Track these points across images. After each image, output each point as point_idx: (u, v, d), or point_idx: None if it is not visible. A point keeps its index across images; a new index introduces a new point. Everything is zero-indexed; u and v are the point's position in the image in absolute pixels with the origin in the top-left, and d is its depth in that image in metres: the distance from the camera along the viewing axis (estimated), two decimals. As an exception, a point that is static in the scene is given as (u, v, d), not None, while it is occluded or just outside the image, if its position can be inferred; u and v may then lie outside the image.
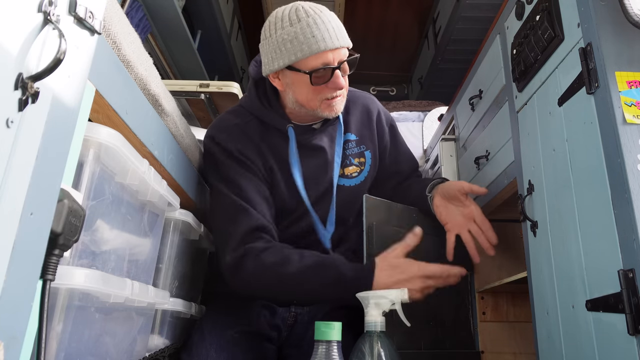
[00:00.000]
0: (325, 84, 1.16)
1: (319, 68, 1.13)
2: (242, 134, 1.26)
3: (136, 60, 0.86)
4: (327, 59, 1.13)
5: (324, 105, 1.20)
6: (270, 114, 1.27)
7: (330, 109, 1.21)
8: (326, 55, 1.13)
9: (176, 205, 1.13)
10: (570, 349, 0.90)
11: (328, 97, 1.18)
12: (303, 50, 1.12)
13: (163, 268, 1.14)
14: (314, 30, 1.12)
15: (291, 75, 1.17)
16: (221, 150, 1.24)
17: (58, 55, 0.54)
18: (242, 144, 1.24)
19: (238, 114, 1.31)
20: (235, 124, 1.28)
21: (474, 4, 2.87)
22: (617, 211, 0.76)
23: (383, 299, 0.89)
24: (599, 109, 0.83)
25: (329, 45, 1.12)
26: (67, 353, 0.70)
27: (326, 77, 1.15)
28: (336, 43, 1.13)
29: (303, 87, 1.18)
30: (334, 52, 1.14)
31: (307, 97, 1.19)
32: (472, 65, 1.56)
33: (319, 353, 0.77)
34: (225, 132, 1.26)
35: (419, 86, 4.05)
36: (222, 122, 1.30)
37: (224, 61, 3.61)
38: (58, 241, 0.61)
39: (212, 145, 1.26)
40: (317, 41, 1.11)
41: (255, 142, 1.26)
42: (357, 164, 1.36)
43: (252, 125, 1.28)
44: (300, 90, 1.19)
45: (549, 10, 1.00)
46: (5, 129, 0.48)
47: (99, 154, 0.77)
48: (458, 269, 1.11)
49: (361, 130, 1.39)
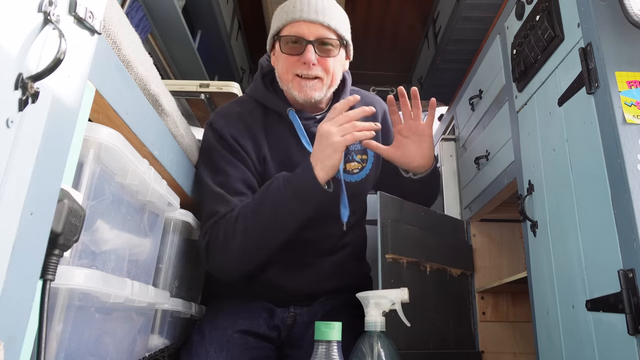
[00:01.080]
0: (296, 57, 1.16)
1: (290, 35, 1.15)
2: (240, 122, 1.25)
3: (136, 60, 0.86)
4: (301, 29, 1.15)
5: (295, 82, 1.19)
6: (272, 97, 1.27)
7: (300, 89, 1.19)
8: (300, 25, 1.14)
9: (176, 205, 1.13)
10: (570, 349, 0.90)
11: (298, 73, 1.17)
12: (282, 19, 1.16)
13: (163, 268, 1.14)
14: (297, 2, 1.16)
15: (275, 47, 1.21)
16: (216, 136, 1.23)
17: (58, 55, 0.54)
18: (238, 131, 1.23)
19: (242, 102, 1.32)
20: (236, 112, 1.27)
21: (474, 4, 2.87)
22: (617, 211, 0.76)
23: (383, 299, 0.89)
24: (599, 109, 0.83)
25: (304, 15, 1.13)
26: (67, 353, 0.70)
27: (298, 49, 1.16)
28: (313, 16, 1.14)
29: (280, 58, 1.20)
30: (311, 25, 1.14)
31: (282, 69, 1.20)
32: (472, 65, 1.56)
33: (319, 353, 0.77)
34: (224, 118, 1.26)
35: (419, 86, 4.05)
36: (224, 109, 1.30)
37: (224, 61, 3.61)
38: (58, 241, 0.61)
39: (209, 130, 1.26)
40: (295, 10, 1.15)
41: (253, 131, 1.25)
42: (358, 160, 1.34)
43: (254, 112, 1.28)
44: (279, 63, 1.21)
45: (549, 10, 1.00)
46: (5, 129, 0.48)
47: (99, 154, 0.77)
48: (362, 108, 1.13)
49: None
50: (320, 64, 1.18)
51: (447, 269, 1.36)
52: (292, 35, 1.16)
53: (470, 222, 1.54)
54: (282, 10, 1.20)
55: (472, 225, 1.53)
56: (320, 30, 1.16)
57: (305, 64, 1.16)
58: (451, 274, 1.37)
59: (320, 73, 1.19)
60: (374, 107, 1.37)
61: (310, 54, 1.15)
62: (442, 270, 1.33)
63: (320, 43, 1.17)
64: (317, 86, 1.20)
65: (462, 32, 3.12)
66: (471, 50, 1.95)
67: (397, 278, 1.17)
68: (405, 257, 1.20)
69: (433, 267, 1.29)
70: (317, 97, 1.21)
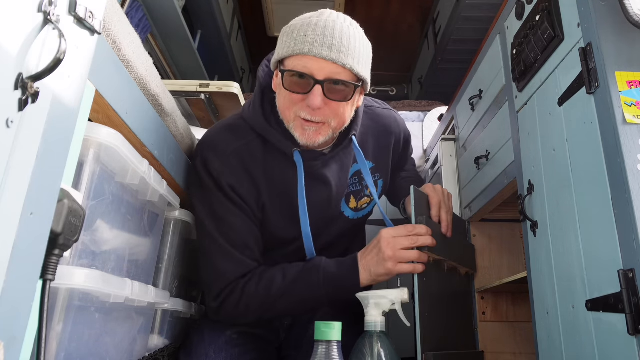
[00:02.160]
0: (300, 96, 1.00)
1: (295, 70, 0.98)
2: (238, 164, 1.11)
3: (136, 60, 0.86)
4: (309, 65, 0.97)
5: (297, 123, 1.04)
6: (274, 133, 1.10)
7: (302, 133, 1.04)
8: (309, 61, 0.97)
9: (176, 205, 1.13)
10: (570, 349, 0.90)
11: (301, 115, 1.02)
12: (289, 47, 0.98)
13: (163, 268, 1.14)
14: (309, 30, 0.97)
15: (279, 74, 1.04)
16: (213, 182, 1.10)
17: (58, 55, 0.54)
18: (236, 178, 1.10)
19: (239, 132, 1.14)
20: (233, 150, 1.11)
21: (474, 4, 2.87)
22: (617, 211, 0.76)
23: (383, 299, 0.89)
24: (599, 109, 0.83)
25: (315, 50, 0.95)
26: (67, 353, 0.70)
27: (304, 87, 0.99)
28: (326, 53, 0.95)
29: (282, 90, 1.03)
30: (321, 63, 0.96)
31: (284, 104, 1.05)
32: (472, 65, 1.56)
33: (319, 353, 0.77)
34: (220, 159, 1.10)
35: (419, 86, 4.05)
36: (219, 144, 1.12)
37: (224, 61, 3.62)
38: (58, 241, 0.61)
39: (204, 173, 1.10)
40: (305, 42, 0.96)
41: (252, 174, 1.12)
42: (369, 194, 1.26)
43: (253, 146, 1.12)
44: (280, 94, 1.06)
45: (549, 10, 1.00)
46: (5, 129, 0.48)
47: (99, 154, 0.77)
48: (424, 227, 1.08)
49: (378, 155, 1.27)
50: (327, 107, 1.01)
51: (458, 268, 1.35)
52: (297, 71, 0.98)
53: (470, 222, 1.54)
54: (290, 33, 1.00)
55: (472, 225, 1.53)
56: (333, 70, 0.97)
57: (309, 107, 0.99)
58: (460, 273, 1.37)
59: (326, 118, 1.03)
60: (389, 127, 1.30)
61: (317, 98, 0.97)
62: (454, 269, 1.33)
63: (332, 83, 0.99)
64: (323, 130, 1.05)
65: (462, 32, 3.12)
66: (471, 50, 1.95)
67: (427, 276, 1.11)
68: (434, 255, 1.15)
69: (450, 265, 1.28)
70: (322, 141, 1.06)
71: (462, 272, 1.38)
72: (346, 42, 0.98)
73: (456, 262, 1.30)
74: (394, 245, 1.05)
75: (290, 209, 1.14)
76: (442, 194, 1.21)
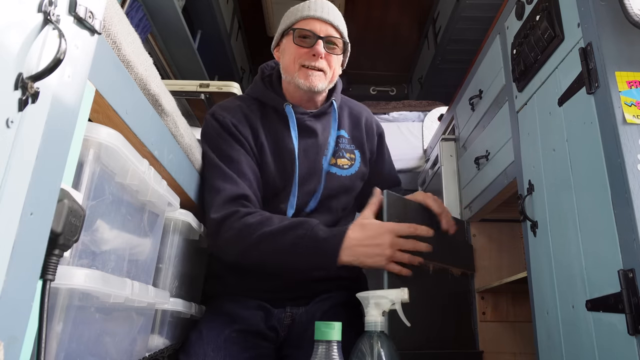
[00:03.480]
0: (306, 49, 1.29)
1: (303, 28, 1.29)
2: (240, 112, 1.35)
3: (136, 60, 0.86)
4: (314, 26, 1.29)
5: (302, 72, 1.30)
6: (270, 93, 1.38)
7: (306, 78, 1.30)
8: (314, 22, 1.30)
9: (176, 205, 1.13)
10: (570, 349, 0.90)
11: (306, 64, 1.29)
12: (296, 15, 1.32)
13: (163, 268, 1.14)
14: (311, 4, 1.33)
15: (284, 40, 1.35)
16: (218, 125, 1.32)
17: (58, 55, 0.54)
18: (238, 120, 1.33)
19: (242, 98, 1.42)
20: (237, 105, 1.38)
21: (474, 4, 2.87)
22: (617, 211, 0.76)
23: (383, 299, 0.89)
24: (599, 109, 0.83)
25: (317, 14, 1.29)
26: (67, 353, 0.70)
27: (309, 42, 1.29)
28: (325, 16, 1.30)
29: (288, 49, 1.32)
30: (323, 24, 1.30)
31: (290, 58, 1.31)
32: (472, 65, 1.56)
33: (319, 353, 0.77)
34: (225, 110, 1.36)
35: (419, 86, 4.05)
36: (225, 102, 1.41)
37: (224, 61, 3.62)
38: (58, 241, 0.61)
39: (211, 120, 1.35)
40: (310, 9, 1.31)
41: (251, 121, 1.34)
42: (348, 158, 1.42)
43: (252, 107, 1.38)
44: (286, 53, 1.33)
45: (549, 10, 1.00)
46: (5, 129, 0.48)
47: (99, 154, 0.77)
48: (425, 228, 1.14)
49: (352, 132, 1.46)
50: (325, 58, 1.31)
51: (449, 269, 1.35)
52: (305, 29, 1.29)
53: (470, 222, 1.54)
54: (295, 9, 1.34)
55: (472, 225, 1.53)
56: (330, 30, 1.31)
57: (314, 55, 1.29)
58: (452, 274, 1.37)
59: (324, 67, 1.31)
60: (360, 112, 1.52)
61: (321, 48, 1.29)
62: (444, 270, 1.33)
63: (328, 41, 1.30)
64: (321, 77, 1.32)
65: (462, 32, 3.13)
66: (471, 50, 1.95)
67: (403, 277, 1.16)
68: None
69: (436, 266, 1.29)
70: (320, 87, 1.32)
71: (457, 273, 1.38)
72: (336, 12, 1.35)
73: (445, 263, 1.30)
74: (396, 245, 1.10)
75: (281, 159, 1.33)
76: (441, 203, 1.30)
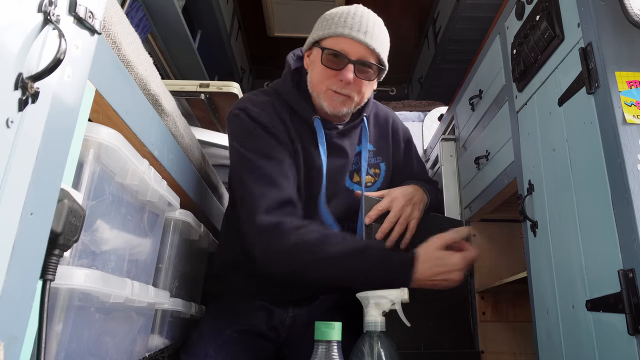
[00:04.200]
0: (334, 72, 1.16)
1: (334, 49, 1.15)
2: (274, 111, 1.24)
3: (136, 60, 0.86)
4: (346, 46, 1.14)
5: (327, 94, 1.19)
6: (300, 101, 1.26)
7: (331, 102, 1.20)
8: (346, 42, 1.14)
9: (176, 205, 1.13)
10: (570, 349, 0.90)
11: (334, 88, 1.18)
12: (330, 28, 1.16)
13: (163, 268, 1.14)
14: (349, 17, 1.16)
15: (315, 52, 1.22)
16: (254, 123, 1.20)
17: (58, 55, 0.54)
18: (274, 120, 1.22)
19: (270, 95, 1.29)
20: (268, 100, 1.26)
21: (474, 4, 2.87)
22: (617, 211, 0.76)
23: (383, 299, 0.89)
24: (599, 109, 0.83)
25: (353, 34, 1.14)
26: (67, 353, 0.70)
27: (338, 64, 1.16)
28: (361, 37, 1.14)
29: (317, 66, 1.20)
30: (356, 45, 1.14)
31: (317, 78, 1.20)
32: (472, 65, 1.56)
33: (319, 353, 0.77)
34: (258, 106, 1.23)
35: (419, 86, 4.05)
36: (254, 97, 1.28)
37: (224, 61, 3.61)
38: (58, 241, 0.61)
39: (245, 117, 1.21)
40: (345, 26, 1.15)
41: (286, 124, 1.24)
42: (372, 174, 1.35)
43: (283, 109, 1.26)
44: (314, 69, 1.21)
45: (549, 10, 1.00)
46: (5, 129, 0.48)
47: (99, 154, 0.77)
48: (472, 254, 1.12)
49: (379, 141, 1.39)
50: (355, 84, 1.18)
51: None
52: (335, 50, 1.15)
53: (470, 222, 1.54)
54: (330, 19, 1.19)
55: (472, 225, 1.53)
56: (364, 52, 1.16)
57: (341, 81, 1.16)
58: None
59: (353, 93, 1.20)
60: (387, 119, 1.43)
61: (350, 74, 1.15)
62: None
63: (361, 64, 1.17)
64: (347, 103, 1.21)
65: (462, 32, 3.12)
66: (471, 50, 1.95)
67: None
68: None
69: None
70: (345, 112, 1.23)
71: None
72: (377, 31, 1.18)
73: None
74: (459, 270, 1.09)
75: (309, 173, 1.23)
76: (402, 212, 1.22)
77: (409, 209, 1.23)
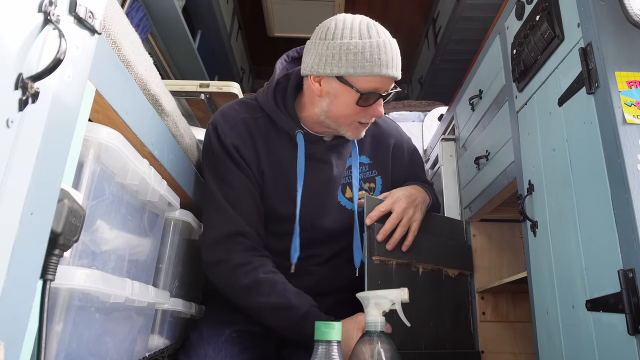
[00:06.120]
0: (366, 108, 1.15)
1: (370, 91, 1.12)
2: (245, 131, 1.23)
3: (136, 60, 0.86)
4: (380, 84, 1.13)
5: (352, 126, 1.19)
6: (281, 116, 1.23)
7: (355, 132, 1.21)
8: (381, 81, 1.13)
9: (176, 205, 1.13)
10: (570, 349, 0.90)
11: (362, 120, 1.18)
12: (364, 68, 1.10)
13: (163, 268, 1.14)
14: (381, 53, 1.10)
15: (338, 86, 1.14)
16: (219, 144, 1.22)
17: (58, 55, 0.54)
18: (241, 141, 1.21)
19: (250, 107, 1.28)
20: (242, 119, 1.24)
21: (474, 4, 2.87)
22: (617, 211, 0.76)
23: (383, 299, 0.89)
24: (599, 109, 0.83)
25: (390, 73, 1.12)
26: (67, 353, 0.70)
27: (370, 101, 1.14)
28: (396, 74, 1.13)
29: (344, 102, 1.15)
30: (388, 82, 1.14)
31: (344, 113, 1.17)
32: (472, 65, 1.56)
33: (319, 353, 0.77)
34: (228, 124, 1.23)
35: (419, 86, 4.05)
36: (230, 112, 1.26)
37: (224, 61, 3.62)
38: (58, 241, 0.61)
39: (213, 135, 1.23)
40: (381, 65, 1.10)
41: (255, 141, 1.23)
42: (366, 188, 1.32)
43: (260, 122, 1.25)
44: (339, 104, 1.16)
45: (549, 10, 1.00)
46: (5, 129, 0.48)
47: (99, 154, 0.77)
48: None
49: (375, 153, 1.36)
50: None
51: (443, 270, 1.35)
52: (372, 91, 1.12)
53: (470, 222, 1.54)
54: (361, 54, 1.10)
55: (472, 225, 1.53)
56: (391, 85, 1.16)
57: (373, 115, 1.17)
58: (447, 275, 1.37)
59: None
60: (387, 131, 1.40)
61: (382, 109, 1.17)
62: (437, 271, 1.33)
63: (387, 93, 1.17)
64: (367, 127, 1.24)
65: (462, 32, 3.12)
66: (471, 50, 1.95)
67: (385, 280, 1.17)
68: (394, 259, 1.20)
69: (427, 268, 1.29)
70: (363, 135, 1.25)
71: (453, 273, 1.38)
72: (399, 57, 1.16)
73: (435, 264, 1.31)
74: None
75: (287, 187, 1.23)
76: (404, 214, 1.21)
77: (411, 210, 1.23)
